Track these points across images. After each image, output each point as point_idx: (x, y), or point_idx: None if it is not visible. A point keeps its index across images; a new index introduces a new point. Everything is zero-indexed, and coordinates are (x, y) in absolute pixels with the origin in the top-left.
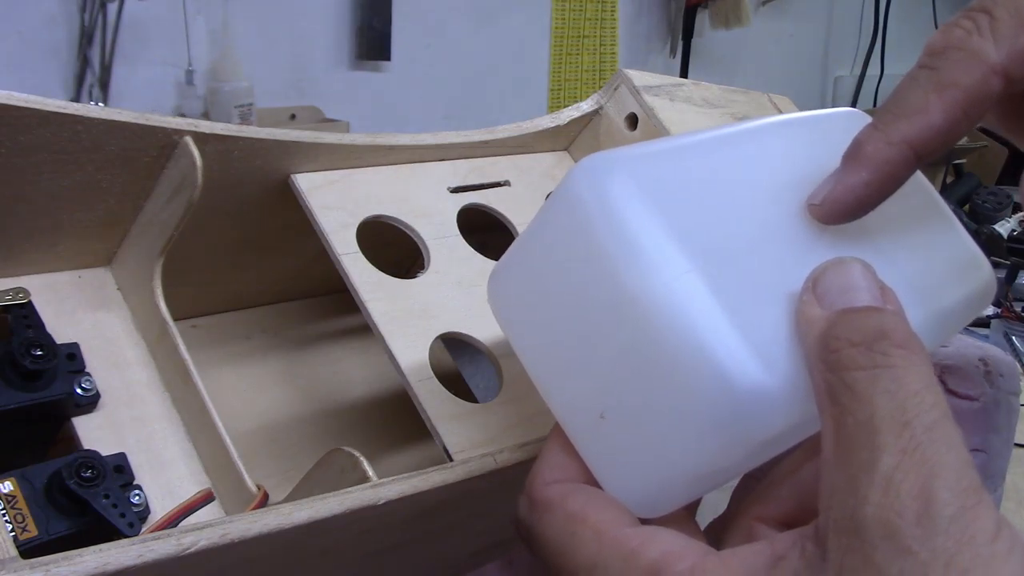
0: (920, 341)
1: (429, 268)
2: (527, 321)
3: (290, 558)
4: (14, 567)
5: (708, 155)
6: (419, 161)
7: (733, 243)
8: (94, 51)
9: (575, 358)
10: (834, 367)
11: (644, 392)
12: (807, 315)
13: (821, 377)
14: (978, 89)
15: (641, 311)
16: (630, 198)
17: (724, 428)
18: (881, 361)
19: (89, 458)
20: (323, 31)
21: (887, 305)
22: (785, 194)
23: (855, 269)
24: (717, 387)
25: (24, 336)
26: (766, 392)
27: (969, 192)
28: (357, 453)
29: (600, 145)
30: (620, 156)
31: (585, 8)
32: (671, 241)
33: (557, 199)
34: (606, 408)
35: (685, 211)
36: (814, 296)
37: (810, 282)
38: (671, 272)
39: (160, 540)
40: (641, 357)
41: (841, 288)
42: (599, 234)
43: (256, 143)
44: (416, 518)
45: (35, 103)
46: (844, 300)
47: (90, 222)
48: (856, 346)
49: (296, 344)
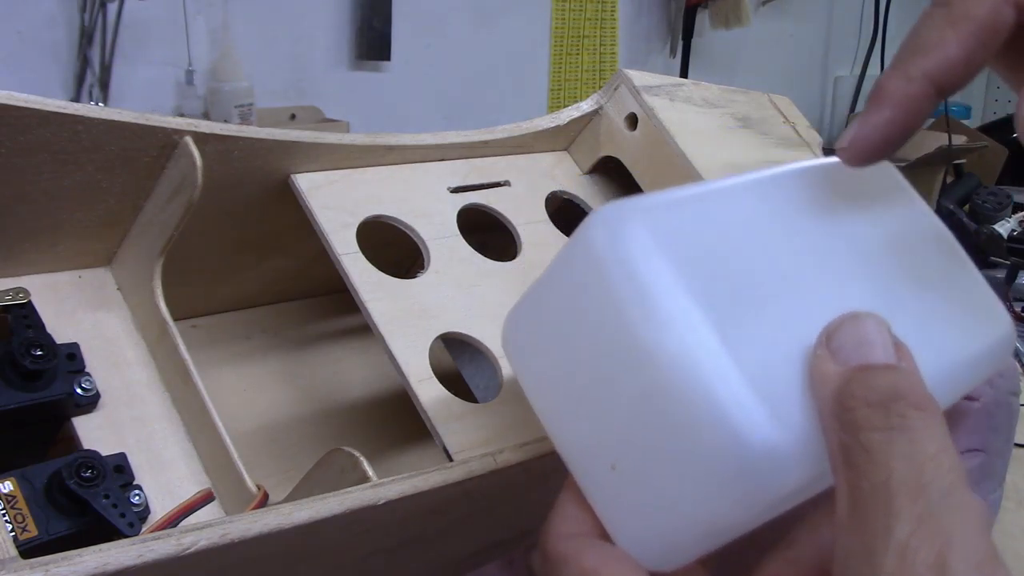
0: (935, 401)
1: (429, 268)
2: (540, 368)
3: (290, 558)
4: (14, 567)
5: (727, 203)
6: (419, 161)
7: (749, 295)
8: (94, 51)
9: (587, 408)
10: (849, 427)
11: (656, 445)
12: (821, 371)
13: (836, 436)
14: (991, 19)
15: (654, 364)
16: (645, 249)
17: (737, 484)
18: (897, 423)
19: (89, 458)
20: (323, 31)
21: (902, 362)
22: (804, 243)
23: (870, 324)
24: (729, 443)
25: (24, 336)
26: (779, 448)
27: (969, 192)
28: (357, 453)
29: (600, 145)
30: (637, 206)
31: (585, 8)
32: (686, 294)
33: (573, 247)
34: (617, 459)
35: (701, 262)
36: (828, 351)
37: (824, 336)
38: (685, 326)
39: (160, 540)
40: (653, 410)
41: (855, 343)
42: (614, 285)
43: (256, 143)
44: (416, 518)
45: (35, 103)
46: (858, 356)
47: (90, 222)
48: (871, 406)
49: (296, 344)
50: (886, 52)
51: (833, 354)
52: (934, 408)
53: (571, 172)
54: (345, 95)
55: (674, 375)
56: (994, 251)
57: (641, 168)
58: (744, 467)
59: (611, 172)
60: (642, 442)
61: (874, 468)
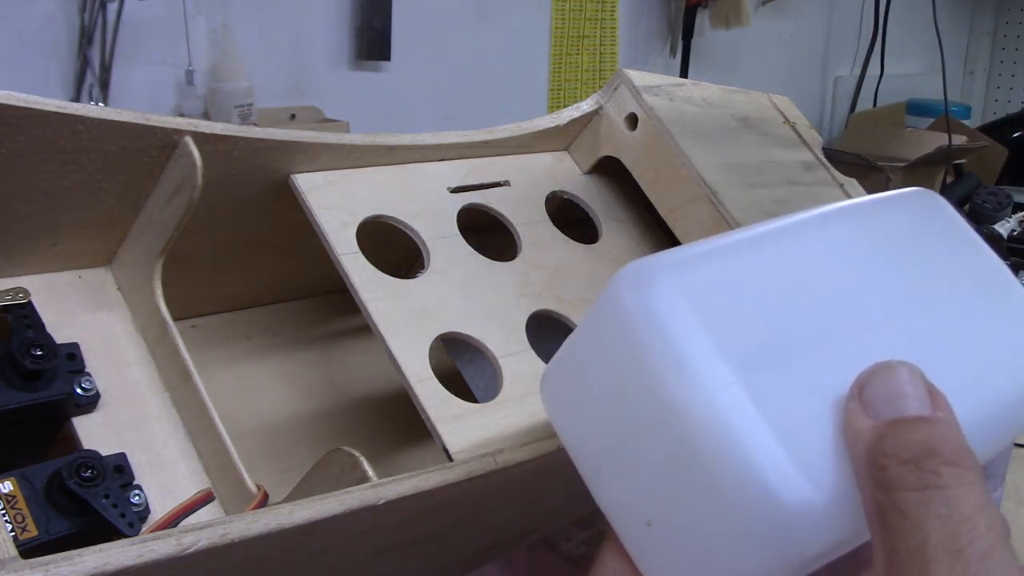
0: (972, 454)
1: (429, 268)
2: (577, 424)
3: (290, 558)
4: (14, 567)
5: (755, 254)
6: (419, 161)
7: (781, 348)
8: (94, 51)
9: (622, 464)
10: (884, 486)
11: (689, 503)
12: (854, 426)
13: (871, 495)
14: None
15: (684, 423)
16: (673, 308)
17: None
18: (932, 481)
19: (89, 458)
20: (323, 31)
21: (937, 412)
22: (838, 289)
23: (902, 373)
24: (762, 502)
25: (24, 336)
26: (812, 508)
27: (969, 192)
28: (357, 453)
29: (600, 145)
30: (664, 262)
31: (585, 8)
32: (715, 351)
33: (603, 305)
34: (653, 516)
35: (730, 318)
36: (860, 404)
37: (856, 389)
38: (714, 384)
39: (160, 540)
40: (685, 469)
41: (887, 396)
42: (642, 344)
43: (256, 143)
44: (416, 518)
45: (35, 103)
46: (891, 409)
47: (90, 222)
48: (905, 464)
49: (296, 344)
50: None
51: (865, 407)
52: (970, 463)
53: (571, 172)
54: (345, 95)
55: (705, 435)
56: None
57: (641, 168)
58: (778, 526)
59: (611, 172)
60: (675, 500)
61: (909, 530)
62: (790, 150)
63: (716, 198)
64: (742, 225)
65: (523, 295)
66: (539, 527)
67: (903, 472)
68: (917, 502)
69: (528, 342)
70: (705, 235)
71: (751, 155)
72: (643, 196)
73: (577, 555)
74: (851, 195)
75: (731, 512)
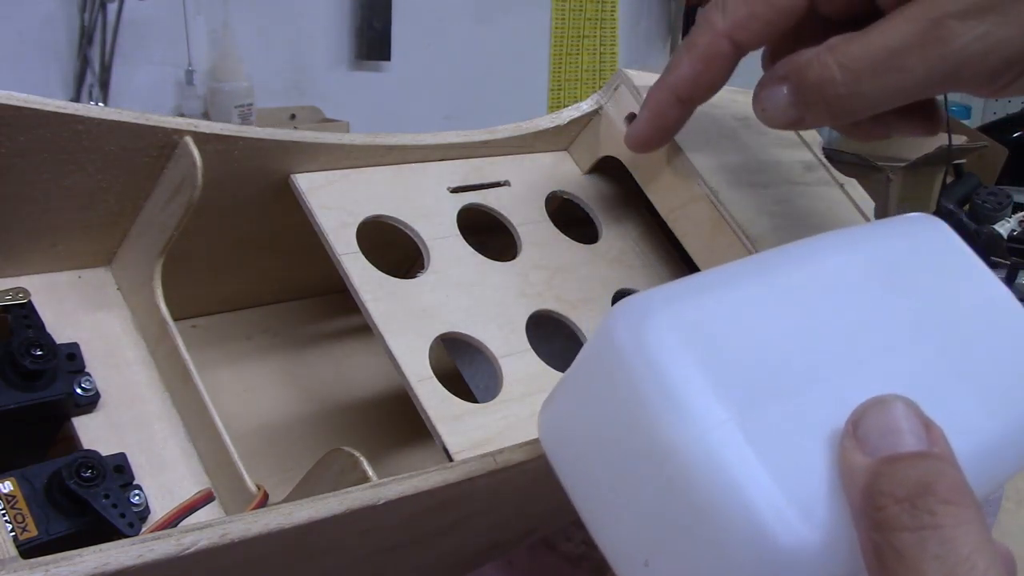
0: (969, 491)
1: (429, 268)
2: (574, 461)
3: (290, 558)
4: (14, 567)
5: (751, 287)
6: (419, 161)
7: (777, 383)
8: (94, 51)
9: (618, 503)
10: (880, 526)
11: (685, 543)
12: (850, 463)
13: (867, 536)
14: (709, 48)
15: (678, 462)
16: (667, 347)
17: None
18: (927, 521)
19: (89, 458)
20: (323, 31)
21: (934, 447)
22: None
23: (897, 409)
24: (758, 544)
25: (24, 336)
26: (809, 548)
27: (969, 192)
28: (357, 453)
29: (600, 145)
30: (657, 298)
31: (585, 8)
32: (709, 389)
33: (597, 342)
34: (649, 556)
35: (725, 353)
36: (855, 441)
37: (850, 425)
38: (709, 422)
39: (160, 540)
40: (680, 508)
41: (882, 431)
42: (636, 382)
43: (256, 143)
44: (416, 518)
45: (35, 103)
46: (886, 445)
47: (90, 222)
48: (900, 503)
49: (296, 344)
50: None
51: (860, 444)
52: (967, 501)
53: (571, 172)
54: (345, 95)
55: (699, 474)
56: (994, 251)
57: (641, 168)
58: (775, 567)
59: (611, 172)
60: (671, 540)
61: (906, 572)
62: (790, 150)
63: (716, 198)
64: (742, 225)
65: (523, 295)
66: (539, 527)
67: (899, 511)
68: (913, 543)
69: (528, 342)
70: (705, 235)
71: (751, 155)
72: (643, 196)
73: (577, 555)
74: (851, 195)
75: (727, 552)
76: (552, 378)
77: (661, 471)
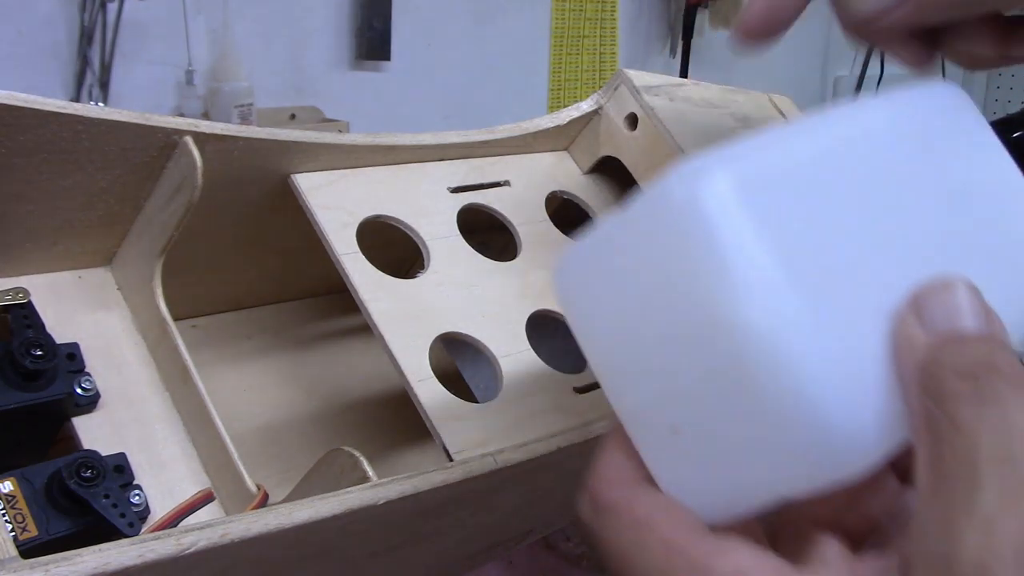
0: None
1: (429, 268)
2: (597, 317)
3: (290, 558)
4: (14, 567)
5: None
6: (419, 161)
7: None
8: (94, 51)
9: (648, 366)
10: (936, 397)
11: (725, 415)
12: (908, 336)
13: (921, 404)
14: None
15: (731, 334)
16: (727, 207)
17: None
18: (989, 396)
19: (89, 458)
20: (323, 31)
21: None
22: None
23: (961, 291)
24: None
25: (24, 336)
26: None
27: None
28: (357, 453)
29: (600, 145)
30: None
31: (585, 8)
32: (769, 257)
33: (650, 196)
34: (680, 423)
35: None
36: (916, 317)
37: (912, 302)
38: (767, 294)
39: (160, 540)
40: (726, 380)
41: (946, 311)
42: (691, 244)
43: (256, 143)
44: (416, 518)
45: (35, 103)
46: (949, 324)
47: (90, 222)
48: (963, 377)
49: (296, 344)
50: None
51: (921, 320)
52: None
53: (571, 172)
54: (345, 95)
55: (752, 348)
56: None
57: (641, 168)
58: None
59: (611, 172)
60: (709, 410)
61: (960, 438)
62: None
63: None
64: None
65: (523, 295)
66: (539, 527)
67: (959, 385)
68: (972, 416)
69: (528, 342)
70: None
71: None
72: None
73: (577, 555)
74: None
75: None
76: (552, 378)
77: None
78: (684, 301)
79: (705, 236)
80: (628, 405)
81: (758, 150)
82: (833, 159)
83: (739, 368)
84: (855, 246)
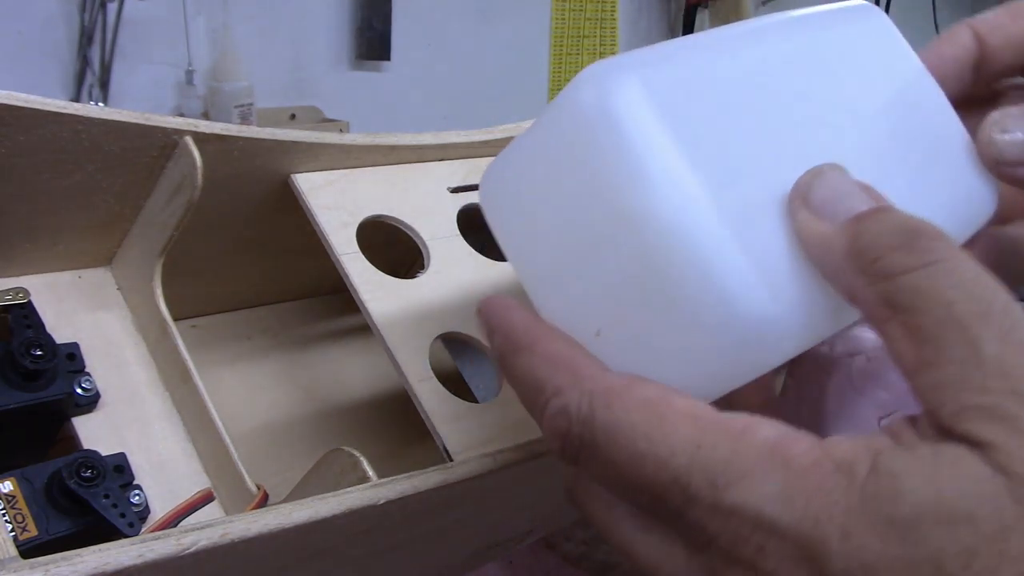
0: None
1: (429, 268)
2: (520, 228)
3: (290, 558)
4: (14, 567)
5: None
6: (419, 161)
7: (743, 158)
8: (94, 51)
9: (570, 272)
10: (883, 274)
11: (644, 314)
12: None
13: (870, 290)
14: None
15: (645, 232)
16: (636, 107)
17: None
18: (929, 257)
19: (89, 458)
20: (323, 31)
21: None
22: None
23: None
24: (724, 314)
25: (24, 336)
26: (774, 319)
27: None
28: (357, 453)
29: None
30: (630, 61)
31: (585, 8)
32: (678, 154)
33: (560, 102)
34: (602, 326)
35: (695, 122)
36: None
37: (798, 198)
38: (677, 189)
39: (160, 540)
40: (642, 279)
41: (835, 197)
42: (602, 145)
43: (256, 143)
44: (416, 518)
45: (35, 103)
46: (845, 209)
47: (90, 222)
48: (897, 250)
49: (296, 344)
50: None
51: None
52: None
53: None
54: (345, 95)
55: (666, 244)
56: None
57: None
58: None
59: None
60: (629, 310)
61: (930, 304)
62: None
63: None
64: None
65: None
66: (539, 527)
67: (899, 257)
68: (926, 277)
69: None
70: None
71: None
72: None
73: (577, 555)
74: None
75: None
76: None
77: (623, 239)
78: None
79: (614, 134)
80: (553, 314)
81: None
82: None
83: (651, 261)
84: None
